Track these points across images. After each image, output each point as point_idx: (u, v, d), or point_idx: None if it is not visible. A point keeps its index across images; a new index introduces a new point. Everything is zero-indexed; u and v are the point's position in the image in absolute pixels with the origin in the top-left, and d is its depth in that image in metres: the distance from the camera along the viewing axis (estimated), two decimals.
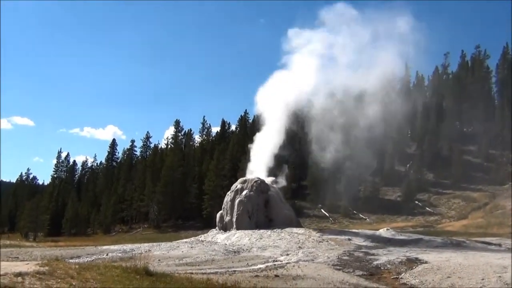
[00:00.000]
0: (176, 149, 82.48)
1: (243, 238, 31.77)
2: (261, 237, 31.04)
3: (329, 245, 26.90)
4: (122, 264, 11.01)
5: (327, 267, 17.96)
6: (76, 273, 9.00)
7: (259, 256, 22.83)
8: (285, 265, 18.11)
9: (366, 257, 21.67)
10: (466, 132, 76.31)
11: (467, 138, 72.23)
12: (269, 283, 12.76)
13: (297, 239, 29.52)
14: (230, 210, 38.59)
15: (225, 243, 31.22)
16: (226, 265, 19.32)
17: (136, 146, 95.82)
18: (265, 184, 39.46)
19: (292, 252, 23.88)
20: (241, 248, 27.07)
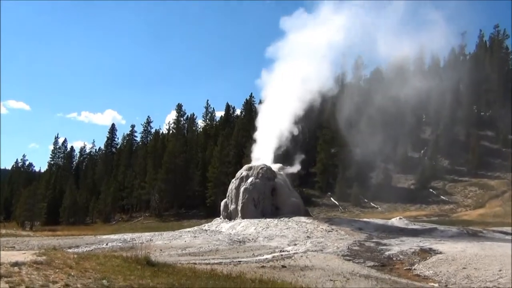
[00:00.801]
0: (178, 135, 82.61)
1: (248, 227, 31.91)
2: (268, 226, 31.17)
3: (339, 235, 26.99)
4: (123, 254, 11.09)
5: (336, 257, 18.02)
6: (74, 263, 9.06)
7: (265, 246, 22.93)
8: (292, 256, 18.18)
9: (378, 247, 21.72)
10: (484, 116, 75.82)
11: (485, 123, 71.80)
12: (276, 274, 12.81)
13: (305, 228, 29.63)
14: (235, 198, 38.73)
15: (229, 233, 31.37)
16: (230, 256, 19.42)
17: (136, 131, 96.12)
18: (271, 171, 39.54)
19: (300, 242, 23.97)
20: (247, 238, 27.21)
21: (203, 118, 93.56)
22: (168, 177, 69.55)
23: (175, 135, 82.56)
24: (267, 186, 38.27)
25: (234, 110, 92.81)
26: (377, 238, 25.63)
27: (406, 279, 14.35)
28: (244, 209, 37.06)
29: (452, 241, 23.22)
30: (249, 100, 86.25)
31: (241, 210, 37.20)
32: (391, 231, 29.41)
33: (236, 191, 38.80)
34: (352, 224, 31.87)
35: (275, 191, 38.59)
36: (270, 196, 38.24)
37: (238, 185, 39.00)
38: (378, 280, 12.93)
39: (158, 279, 8.20)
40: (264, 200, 37.70)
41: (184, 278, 8.78)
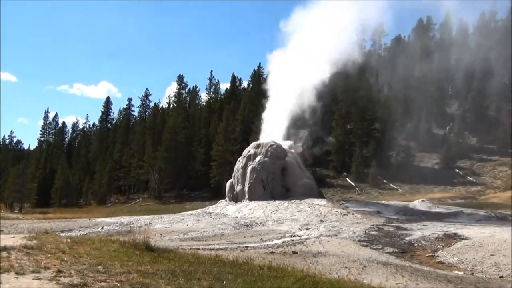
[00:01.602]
0: (180, 109, 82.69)
1: (256, 210, 32.09)
2: (277, 209, 31.32)
3: (355, 219, 27.07)
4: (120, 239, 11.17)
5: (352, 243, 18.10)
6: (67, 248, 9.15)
7: (274, 231, 23.07)
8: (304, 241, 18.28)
9: (398, 232, 21.78)
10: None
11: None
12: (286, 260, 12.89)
13: (318, 211, 29.74)
14: (241, 179, 38.88)
15: (236, 216, 31.56)
16: (237, 241, 19.56)
17: (134, 105, 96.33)
18: (281, 148, 39.56)
19: (313, 226, 24.08)
20: (254, 222, 27.37)
21: (207, 91, 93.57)
22: (169, 155, 69.78)
23: (176, 109, 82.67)
24: (277, 166, 38.33)
25: (241, 82, 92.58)
26: (397, 222, 25.70)
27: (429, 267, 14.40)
28: (251, 190, 37.22)
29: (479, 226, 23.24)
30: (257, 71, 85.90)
31: (248, 192, 37.36)
32: (412, 215, 29.46)
33: (243, 170, 38.93)
34: (370, 207, 31.95)
35: (285, 171, 38.67)
36: (280, 176, 38.34)
37: (245, 164, 39.10)
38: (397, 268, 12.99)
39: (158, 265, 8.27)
40: (274, 180, 37.81)
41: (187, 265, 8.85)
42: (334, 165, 65.84)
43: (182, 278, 7.32)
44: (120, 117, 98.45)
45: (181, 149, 70.99)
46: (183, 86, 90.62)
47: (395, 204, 33.71)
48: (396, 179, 59.46)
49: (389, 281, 11.07)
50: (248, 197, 37.07)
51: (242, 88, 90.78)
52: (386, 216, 28.67)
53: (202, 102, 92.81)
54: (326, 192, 53.79)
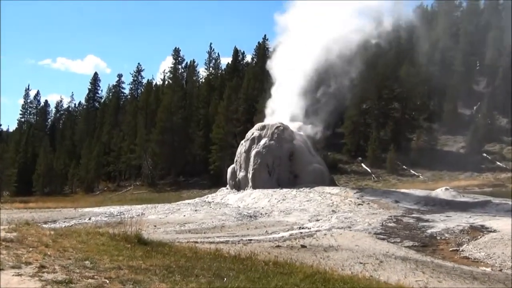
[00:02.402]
0: (176, 86, 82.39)
1: (261, 200, 32.17)
2: (284, 198, 31.40)
3: (371, 209, 27.11)
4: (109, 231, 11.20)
5: (367, 236, 18.13)
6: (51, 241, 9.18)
7: (281, 222, 23.13)
8: (314, 234, 18.32)
9: (418, 224, 21.82)
10: None
11: None
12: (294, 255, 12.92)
13: (330, 200, 29.80)
14: (244, 164, 38.92)
15: (238, 206, 31.66)
16: (239, 233, 19.63)
17: (124, 82, 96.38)
18: (289, 131, 39.54)
19: (324, 217, 24.13)
20: (259, 212, 27.46)
21: (206, 66, 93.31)
22: (164, 138, 69.89)
23: (172, 86, 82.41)
24: (284, 150, 38.33)
25: (244, 56, 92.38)
26: (417, 213, 25.71)
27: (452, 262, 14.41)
28: (255, 177, 37.27)
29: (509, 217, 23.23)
30: (262, 44, 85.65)
31: (252, 179, 37.41)
32: (434, 205, 29.46)
33: (246, 155, 38.94)
34: (387, 195, 31.95)
35: (293, 156, 38.67)
36: (287, 161, 38.36)
37: (248, 148, 39.12)
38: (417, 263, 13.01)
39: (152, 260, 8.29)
40: (280, 166, 37.84)
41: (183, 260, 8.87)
42: (347, 149, 65.89)
43: (178, 274, 7.34)
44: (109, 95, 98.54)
45: (177, 131, 71.06)
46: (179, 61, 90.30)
47: (416, 193, 33.66)
48: (417, 165, 59.48)
49: (408, 278, 11.09)
50: (251, 185, 37.13)
51: (245, 63, 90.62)
52: (405, 206, 28.68)
53: (201, 79, 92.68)
54: (339, 179, 53.87)
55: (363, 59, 50.29)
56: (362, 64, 51.60)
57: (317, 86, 46.22)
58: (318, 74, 44.48)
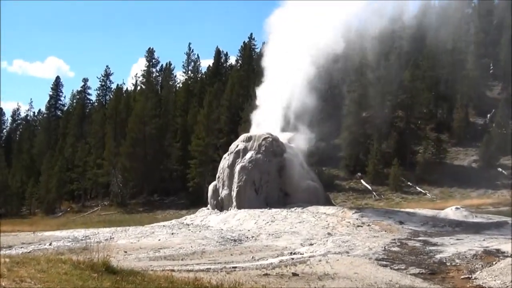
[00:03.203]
0: (149, 92, 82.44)
1: (247, 221, 32.13)
2: (273, 220, 31.37)
3: (372, 231, 27.17)
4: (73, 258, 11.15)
5: (368, 262, 18.16)
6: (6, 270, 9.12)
7: (270, 247, 23.12)
8: (307, 260, 18.32)
9: (425, 248, 21.87)
10: None
11: None
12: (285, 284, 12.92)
13: (325, 222, 29.83)
14: (228, 181, 38.88)
15: (220, 228, 31.58)
16: (222, 259, 19.58)
17: (91, 88, 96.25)
18: (279, 142, 39.58)
19: (318, 241, 24.15)
20: (244, 235, 27.42)
21: (184, 69, 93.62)
22: (135, 151, 69.72)
23: (145, 92, 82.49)
24: (273, 164, 38.35)
25: (227, 57, 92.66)
26: (424, 236, 25.80)
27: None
28: (240, 195, 37.22)
29: None
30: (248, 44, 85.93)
31: (237, 197, 37.36)
32: (444, 226, 29.57)
33: (230, 170, 38.89)
34: (391, 216, 32.03)
35: (284, 171, 38.68)
36: (277, 177, 38.36)
37: (232, 163, 39.08)
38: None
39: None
40: (269, 183, 37.83)
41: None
42: (345, 164, 65.93)
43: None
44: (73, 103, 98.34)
45: (151, 143, 70.95)
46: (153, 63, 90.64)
47: (423, 213, 33.80)
48: (424, 181, 59.73)
49: None
50: (236, 205, 37.06)
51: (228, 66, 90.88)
52: (410, 228, 28.76)
53: (178, 84, 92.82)
54: (335, 197, 53.94)
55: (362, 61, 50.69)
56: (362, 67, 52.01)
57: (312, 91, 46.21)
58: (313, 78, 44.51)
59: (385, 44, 57.05)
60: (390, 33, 52.06)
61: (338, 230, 27.57)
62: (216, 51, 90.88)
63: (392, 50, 69.04)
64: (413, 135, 66.40)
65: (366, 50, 54.73)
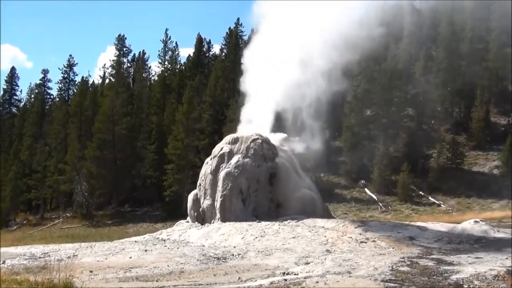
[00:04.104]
0: (120, 86, 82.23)
1: (232, 236, 32.11)
2: (263, 234, 31.37)
3: (378, 248, 27.20)
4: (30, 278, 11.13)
5: (373, 283, 18.19)
6: None
7: (259, 266, 23.10)
8: (303, 281, 18.33)
9: (440, 267, 21.92)
10: None
11: None
12: None
13: (323, 237, 29.84)
14: (210, 189, 38.85)
15: (202, 244, 31.56)
16: (203, 281, 19.56)
17: (51, 80, 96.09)
18: (270, 145, 39.57)
19: (316, 260, 24.15)
20: (229, 253, 27.38)
21: (160, 59, 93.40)
22: (103, 154, 69.61)
23: (114, 86, 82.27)
24: (263, 170, 38.30)
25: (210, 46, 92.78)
26: (438, 253, 25.85)
27: None
28: (225, 206, 37.17)
29: None
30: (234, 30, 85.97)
31: (221, 208, 37.31)
32: (461, 242, 29.65)
33: (213, 177, 38.85)
34: (399, 231, 32.09)
35: (275, 178, 38.64)
36: (267, 185, 38.31)
37: (216, 168, 39.03)
38: None
39: None
40: (258, 191, 37.79)
41: None
42: (347, 170, 66.03)
43: None
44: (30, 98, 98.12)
45: (122, 145, 70.87)
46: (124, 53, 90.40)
47: (436, 227, 33.89)
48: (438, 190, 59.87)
49: None
50: (220, 217, 37.02)
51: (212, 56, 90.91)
52: (422, 244, 28.84)
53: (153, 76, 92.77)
54: (336, 208, 54.04)
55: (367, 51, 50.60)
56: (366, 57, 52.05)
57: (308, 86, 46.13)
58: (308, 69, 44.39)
59: (393, 31, 57.09)
60: (398, 19, 52.03)
61: (338, 247, 27.60)
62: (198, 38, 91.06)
63: (401, 38, 69.26)
64: (426, 137, 66.48)
65: (373, 39, 54.78)
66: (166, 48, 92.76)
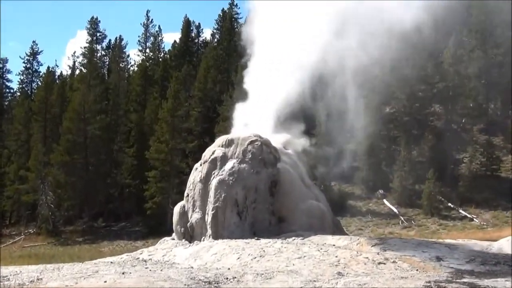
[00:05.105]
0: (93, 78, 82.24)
1: (226, 256, 32.10)
2: (263, 254, 31.36)
3: (399, 271, 27.20)
4: None
5: None
6: None
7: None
8: None
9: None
10: None
11: None
12: None
13: (334, 257, 29.83)
14: (200, 201, 38.79)
15: (190, 266, 31.54)
16: None
17: (11, 71, 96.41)
18: (271, 147, 39.50)
19: (325, 284, 24.16)
20: (223, 276, 27.37)
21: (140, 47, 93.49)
22: (73, 159, 69.59)
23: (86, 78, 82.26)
24: (263, 177, 38.20)
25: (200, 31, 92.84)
26: (470, 277, 25.84)
27: None
28: (217, 220, 37.11)
29: None
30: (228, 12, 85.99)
31: (213, 223, 37.24)
32: (497, 263, 29.62)
33: (203, 186, 38.80)
34: (424, 250, 32.07)
35: (277, 187, 38.58)
36: (267, 196, 38.19)
37: (206, 175, 38.98)
38: None
39: None
40: (257, 203, 37.70)
41: None
42: (362, 177, 65.95)
43: None
44: None
45: (95, 148, 70.87)
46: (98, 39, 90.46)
47: (468, 245, 33.87)
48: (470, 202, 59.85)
49: None
50: (212, 233, 36.96)
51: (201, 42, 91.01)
52: (452, 265, 28.80)
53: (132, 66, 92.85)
54: (349, 223, 54.11)
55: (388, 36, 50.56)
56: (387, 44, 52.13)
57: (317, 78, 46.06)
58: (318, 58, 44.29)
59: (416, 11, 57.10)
60: None
61: (352, 269, 27.60)
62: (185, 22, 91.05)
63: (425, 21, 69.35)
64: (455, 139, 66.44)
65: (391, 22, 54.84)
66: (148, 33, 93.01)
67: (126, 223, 68.05)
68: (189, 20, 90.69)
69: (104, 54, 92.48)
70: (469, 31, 70.09)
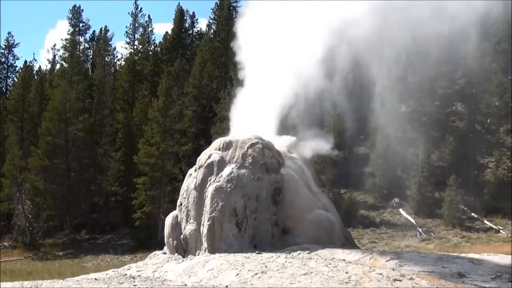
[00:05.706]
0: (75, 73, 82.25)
1: (224, 272, 32.07)
2: (265, 270, 31.32)
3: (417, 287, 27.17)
4: None
5: None
6: None
7: None
8: None
9: None
10: None
11: None
12: None
13: (344, 274, 29.80)
14: (195, 210, 38.76)
15: (183, 283, 31.53)
16: None
17: None
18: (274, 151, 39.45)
19: None
20: None
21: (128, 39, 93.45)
22: (53, 164, 69.58)
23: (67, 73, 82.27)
24: (265, 184, 38.11)
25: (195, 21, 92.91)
26: None
27: None
28: (214, 232, 37.09)
29: None
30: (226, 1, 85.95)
31: (209, 235, 37.22)
32: None
33: (199, 194, 38.74)
34: (445, 265, 32.06)
35: (281, 195, 38.50)
36: (270, 204, 38.10)
37: (202, 182, 38.94)
38: None
39: None
40: (258, 213, 37.64)
41: None
42: (375, 184, 65.87)
43: None
44: None
45: (77, 151, 70.88)
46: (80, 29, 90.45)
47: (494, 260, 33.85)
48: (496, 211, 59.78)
49: None
50: (208, 246, 36.94)
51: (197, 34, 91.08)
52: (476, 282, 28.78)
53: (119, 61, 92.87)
54: (361, 235, 54.10)
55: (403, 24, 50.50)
56: None
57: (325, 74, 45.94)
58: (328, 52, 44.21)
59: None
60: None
61: (364, 287, 27.58)
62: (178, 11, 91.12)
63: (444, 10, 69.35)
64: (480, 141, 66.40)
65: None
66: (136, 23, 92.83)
67: (112, 235, 68.02)
68: (183, 9, 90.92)
69: (88, 46, 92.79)
70: (496, 22, 70.09)
